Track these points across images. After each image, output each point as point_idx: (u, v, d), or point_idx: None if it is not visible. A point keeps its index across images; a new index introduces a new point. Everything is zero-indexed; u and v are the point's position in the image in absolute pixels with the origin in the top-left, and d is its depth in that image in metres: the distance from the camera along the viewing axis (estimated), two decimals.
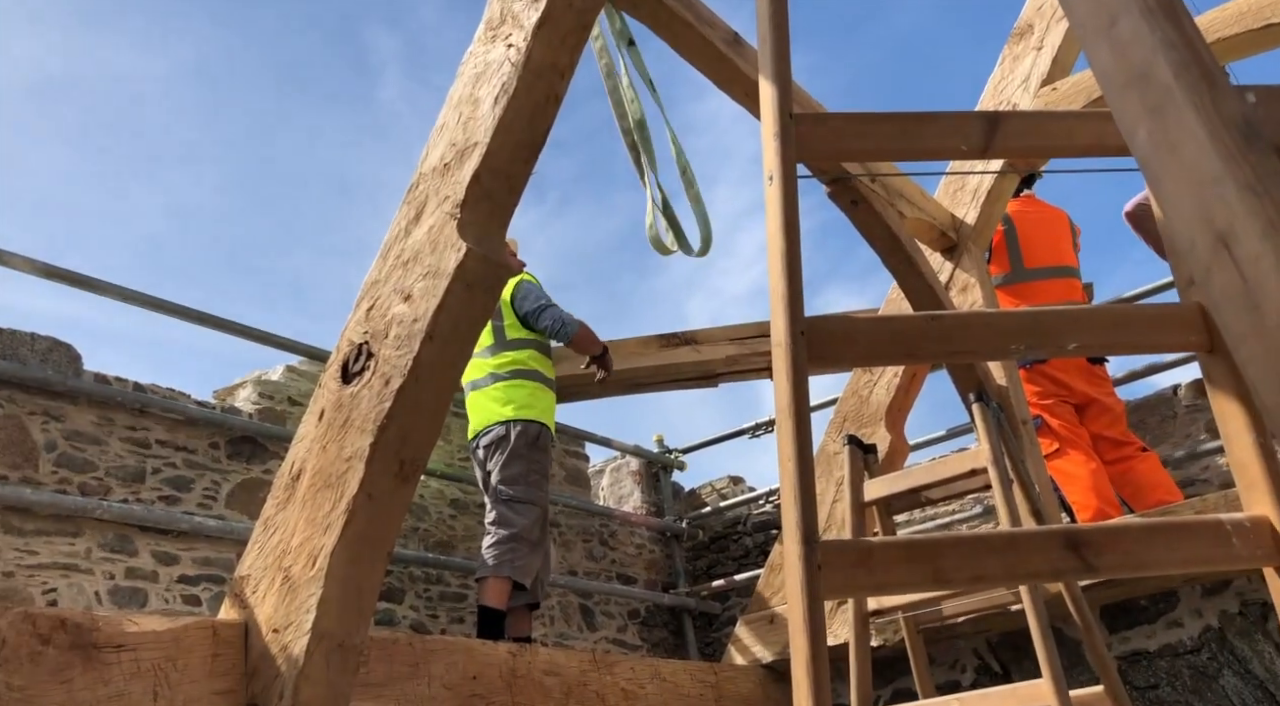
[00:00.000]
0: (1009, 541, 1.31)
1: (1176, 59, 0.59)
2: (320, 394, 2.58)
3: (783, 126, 1.42)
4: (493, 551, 3.92)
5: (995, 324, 1.40)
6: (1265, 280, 0.49)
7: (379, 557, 2.44)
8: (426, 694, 2.78)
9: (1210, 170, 0.53)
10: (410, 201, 2.67)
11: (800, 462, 1.27)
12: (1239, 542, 1.33)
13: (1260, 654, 3.51)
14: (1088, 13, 0.67)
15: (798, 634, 1.23)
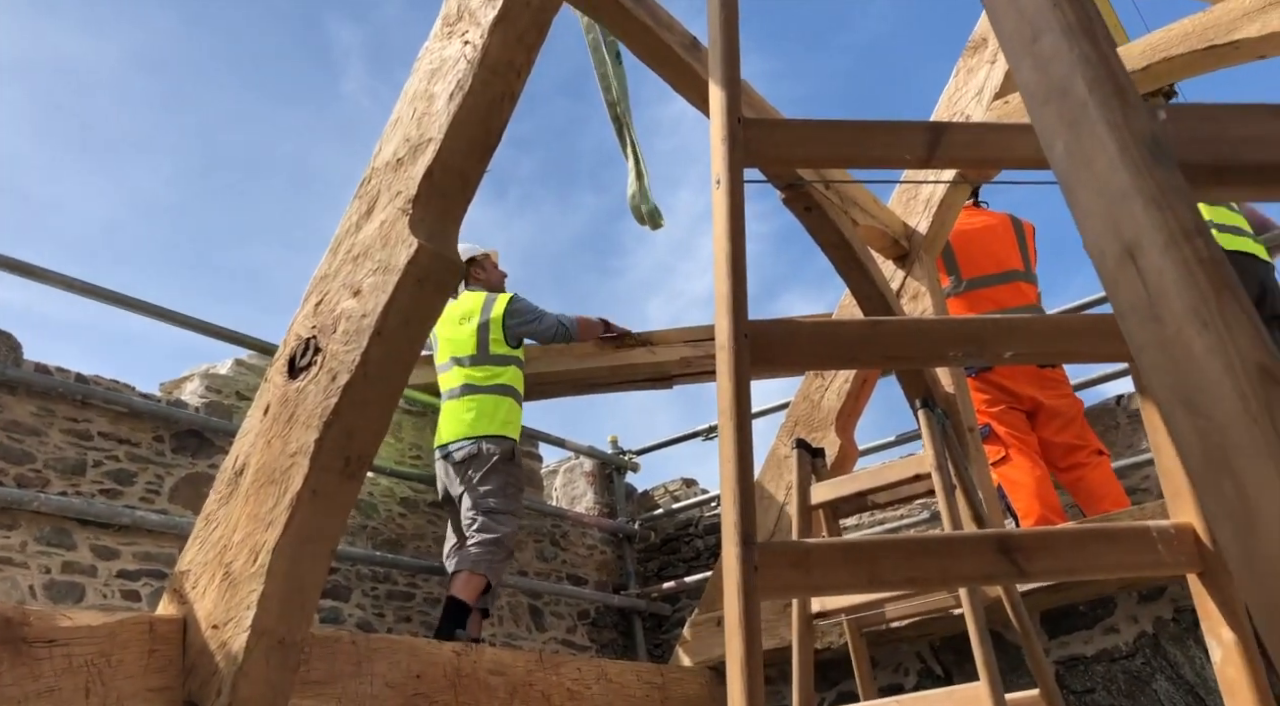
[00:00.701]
0: (943, 545, 1.33)
1: (1092, 75, 0.60)
2: (266, 388, 2.55)
3: (730, 131, 1.43)
4: (475, 551, 4.09)
5: (933, 331, 1.43)
6: (1166, 292, 0.51)
7: (322, 555, 2.42)
8: (369, 692, 2.76)
9: (1119, 184, 0.55)
10: (362, 196, 2.65)
11: (740, 465, 1.29)
12: (1164, 549, 1.37)
13: (1191, 659, 3.59)
14: (1013, 29, 0.68)
15: (734, 635, 1.24)
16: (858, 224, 3.87)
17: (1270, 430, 0.46)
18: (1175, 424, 0.50)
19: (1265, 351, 0.49)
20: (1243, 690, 1.31)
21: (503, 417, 4.44)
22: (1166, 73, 4.25)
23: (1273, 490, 0.44)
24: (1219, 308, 0.49)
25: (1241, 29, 4.16)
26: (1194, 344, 0.49)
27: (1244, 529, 0.45)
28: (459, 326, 4.58)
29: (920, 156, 1.50)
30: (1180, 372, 0.50)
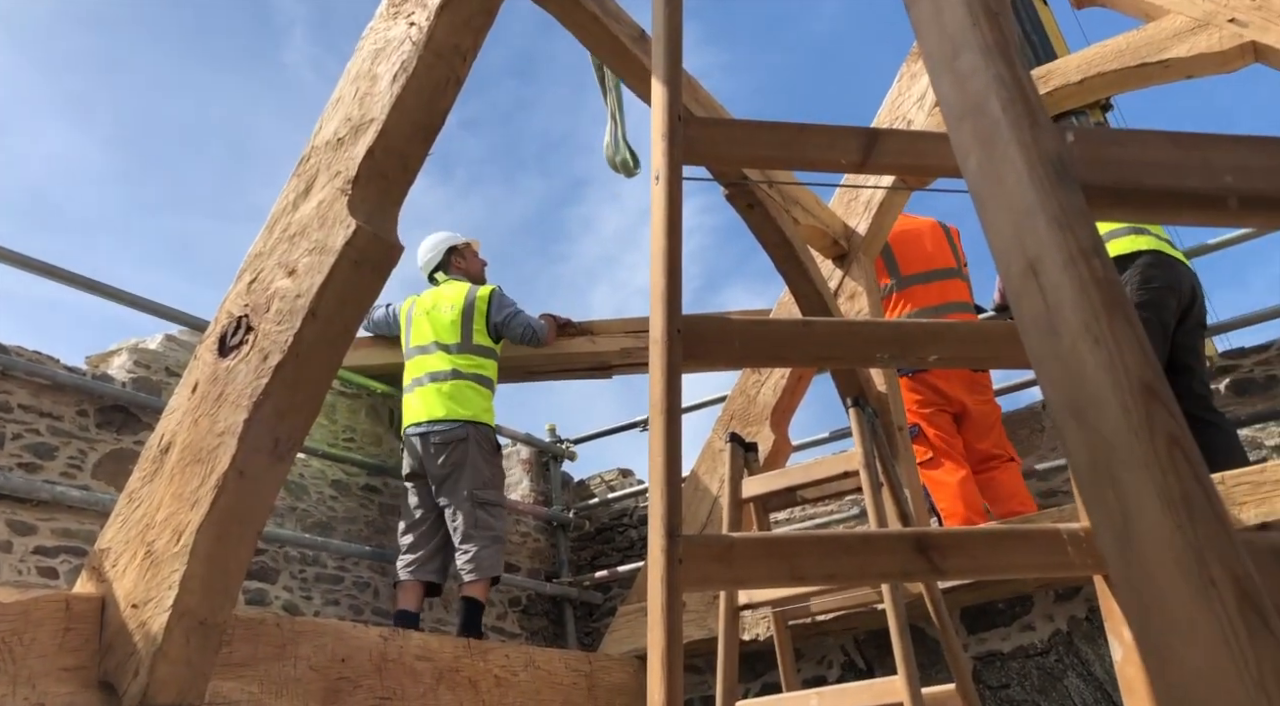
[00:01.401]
0: (862, 542, 1.36)
1: (1006, 95, 0.63)
2: (195, 366, 2.51)
3: (671, 127, 1.44)
4: (484, 554, 4.21)
5: (862, 332, 1.46)
6: (1063, 307, 0.53)
7: (248, 536, 2.39)
8: (292, 675, 2.74)
9: (1025, 202, 0.57)
10: (300, 174, 2.62)
11: (668, 458, 1.30)
12: (1074, 551, 1.42)
13: (1102, 657, 3.71)
14: (935, 44, 0.70)
15: (655, 624, 1.26)
16: (799, 223, 3.92)
17: (1149, 444, 0.48)
18: (1067, 434, 0.53)
19: (1150, 369, 0.51)
20: (1141, 688, 1.36)
21: (485, 406, 4.49)
22: (1101, 87, 4.36)
23: (1149, 501, 0.46)
24: (1110, 326, 0.52)
25: (1171, 49, 4.28)
26: (1086, 359, 0.52)
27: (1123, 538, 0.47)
28: (438, 313, 4.57)
29: (855, 161, 1.52)
30: (1073, 385, 0.52)
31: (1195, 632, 0.43)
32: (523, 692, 3.53)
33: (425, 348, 4.55)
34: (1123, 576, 0.47)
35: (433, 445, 4.33)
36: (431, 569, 4.31)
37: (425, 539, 4.34)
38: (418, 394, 4.48)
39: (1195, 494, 0.46)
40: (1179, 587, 0.44)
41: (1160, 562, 0.45)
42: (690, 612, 4.14)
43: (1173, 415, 0.49)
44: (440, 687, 3.20)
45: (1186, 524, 0.45)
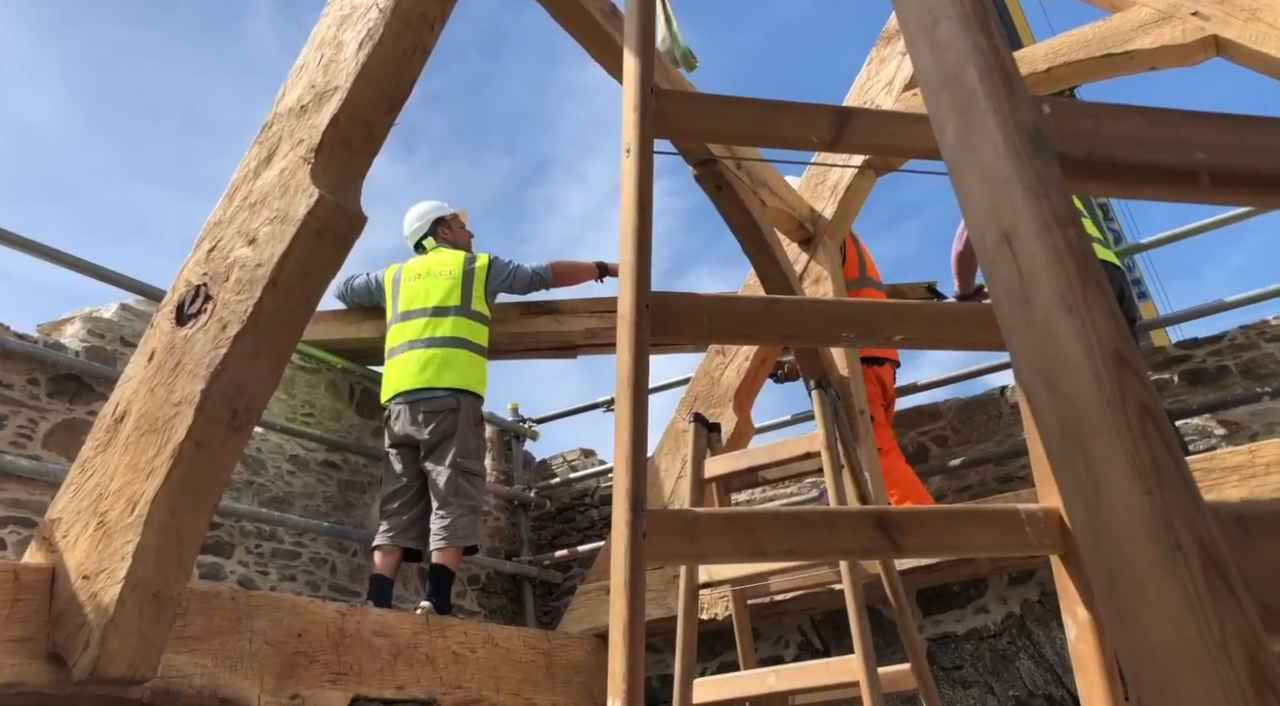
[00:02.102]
0: (823, 519, 1.37)
1: (984, 64, 0.62)
2: (152, 334, 2.47)
3: (643, 100, 1.43)
4: (461, 522, 4.17)
5: (828, 311, 1.46)
6: (1037, 276, 0.53)
7: (204, 508, 2.36)
8: (248, 649, 2.71)
9: (1001, 171, 0.57)
10: (262, 142, 2.57)
11: (634, 432, 1.30)
12: (1031, 531, 1.43)
13: (1053, 640, 3.78)
14: (913, 14, 0.70)
15: (618, 597, 1.26)
16: (766, 205, 3.92)
17: (1121, 412, 0.49)
18: (1037, 403, 0.53)
19: (1122, 337, 0.51)
20: (1092, 665, 1.38)
21: (480, 377, 4.45)
22: (1067, 76, 4.39)
23: (1120, 468, 0.47)
24: (1083, 294, 0.52)
25: (1136, 40, 4.33)
26: (1059, 327, 0.52)
27: (1092, 505, 0.47)
28: (435, 279, 4.51)
29: (826, 139, 1.52)
30: (1045, 354, 0.52)
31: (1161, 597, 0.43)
32: (481, 669, 3.53)
33: (416, 313, 4.47)
34: (1091, 543, 0.48)
35: (423, 412, 4.26)
36: (412, 535, 4.27)
37: (408, 506, 4.29)
38: (405, 359, 4.39)
39: (1165, 461, 0.47)
40: (1146, 553, 0.44)
41: (1128, 528, 0.45)
42: (649, 591, 4.15)
43: (1144, 384, 0.50)
44: (398, 663, 3.19)
45: (1156, 490, 0.46)
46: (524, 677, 3.71)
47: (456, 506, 4.18)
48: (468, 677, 3.45)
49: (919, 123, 1.59)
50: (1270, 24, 4.10)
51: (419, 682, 3.25)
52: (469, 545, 4.24)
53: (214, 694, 2.60)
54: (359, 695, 3.01)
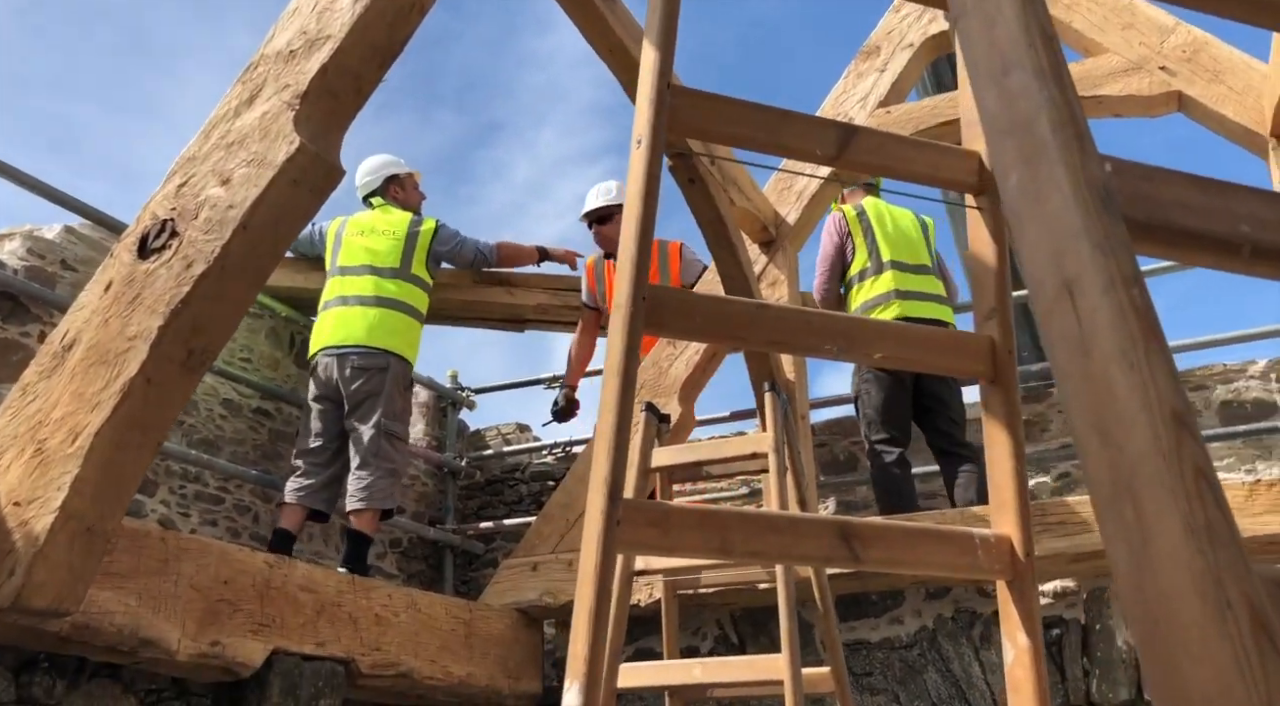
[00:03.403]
0: (790, 524, 1.40)
1: (1057, 118, 0.65)
2: (111, 264, 2.41)
3: (659, 94, 1.44)
4: (380, 484, 4.13)
5: (814, 323, 1.49)
6: (1099, 330, 0.57)
7: (148, 445, 2.32)
8: (172, 592, 2.67)
9: (1069, 224, 0.60)
10: (246, 81, 2.52)
11: (618, 421, 1.32)
12: (983, 555, 1.49)
13: (961, 656, 3.90)
14: (983, 57, 0.73)
15: (586, 582, 1.28)
16: (734, 204, 3.96)
17: (1177, 470, 0.52)
18: (1087, 448, 0.56)
19: (1180, 399, 0.55)
20: (1027, 689, 1.44)
21: (412, 339, 4.41)
22: None
23: (1172, 524, 0.50)
24: (1145, 353, 0.55)
25: (1105, 87, 4.45)
26: (1117, 381, 0.55)
27: (1139, 554, 0.51)
28: (378, 236, 4.44)
29: (830, 154, 1.55)
30: (1100, 405, 0.55)
31: (1207, 651, 0.46)
32: (401, 633, 3.52)
33: (355, 269, 4.41)
34: (1133, 589, 0.51)
35: (350, 367, 4.20)
36: (322, 498, 4.22)
37: (322, 466, 4.23)
38: (339, 314, 4.34)
39: (1218, 522, 0.50)
40: (1194, 607, 0.48)
41: (1177, 582, 0.49)
42: (575, 571, 4.17)
43: (1200, 446, 0.53)
44: (320, 620, 3.17)
45: (1208, 549, 0.49)
46: (443, 645, 3.72)
47: (376, 467, 4.13)
48: (388, 641, 3.44)
49: (919, 149, 1.63)
50: (1230, 87, 4.25)
51: (339, 641, 3.23)
52: (386, 508, 4.20)
53: (134, 633, 2.56)
54: (279, 648, 2.99)
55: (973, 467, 4.23)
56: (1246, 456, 4.85)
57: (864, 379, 4.40)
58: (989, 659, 3.86)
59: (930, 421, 4.39)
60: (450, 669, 3.72)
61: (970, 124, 1.66)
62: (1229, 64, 4.19)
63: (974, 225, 1.63)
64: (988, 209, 1.61)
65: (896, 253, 4.54)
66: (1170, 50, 4.41)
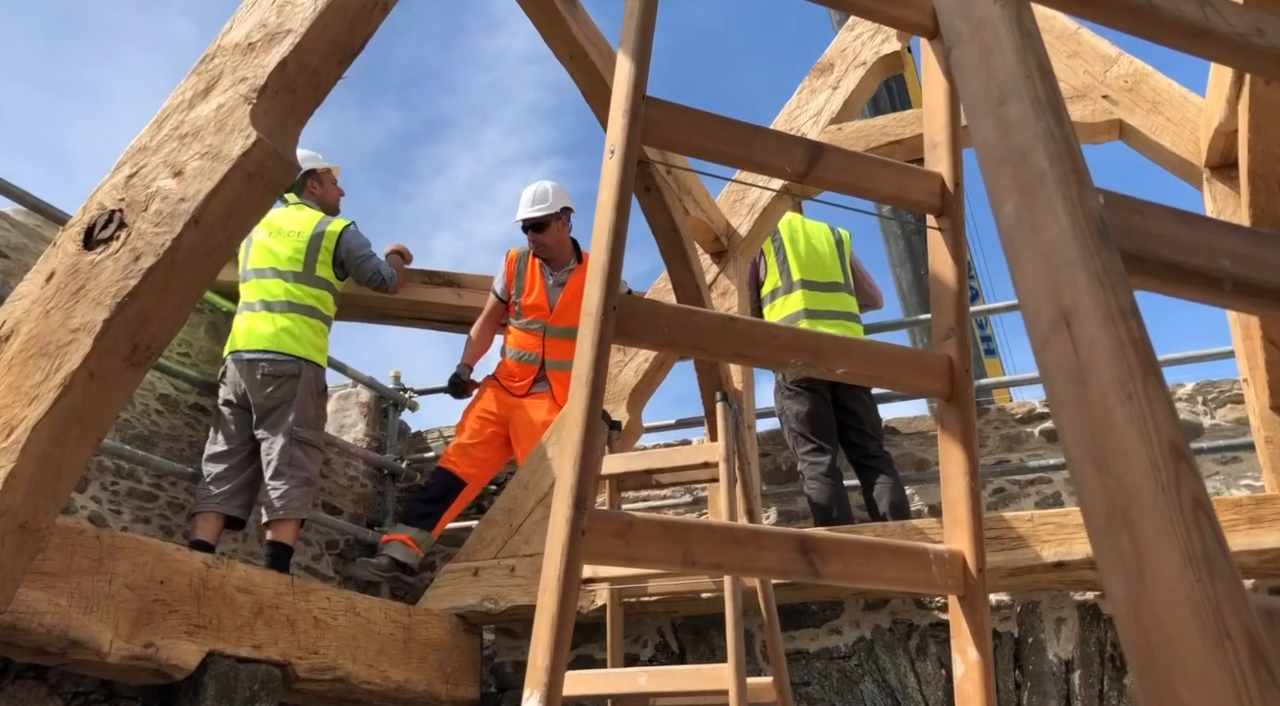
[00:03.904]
0: (752, 536, 1.41)
1: (1054, 150, 0.67)
2: (53, 254, 2.34)
3: (634, 106, 1.44)
4: (295, 494, 4.09)
5: (780, 337, 1.51)
6: (1097, 360, 0.58)
7: (87, 442, 2.26)
8: (106, 592, 2.60)
9: (1065, 254, 0.62)
10: (201, 72, 2.47)
11: (586, 430, 1.31)
12: (937, 570, 1.51)
13: (898, 667, 3.96)
14: (979, 88, 0.74)
15: (549, 592, 1.27)
16: (688, 214, 3.98)
17: (1175, 501, 0.54)
18: (1083, 475, 0.58)
19: (1178, 431, 0.57)
20: (975, 703, 1.47)
21: (321, 344, 4.35)
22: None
23: (1170, 554, 0.51)
24: (1144, 385, 0.57)
25: None
26: (1115, 411, 0.57)
27: (1135, 582, 0.52)
28: (284, 238, 4.35)
29: (798, 171, 1.57)
30: (1097, 434, 0.57)
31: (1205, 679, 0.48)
32: (339, 637, 3.47)
33: (263, 272, 4.34)
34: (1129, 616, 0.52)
35: (261, 374, 4.15)
36: (238, 504, 4.15)
37: (235, 471, 4.16)
38: (250, 318, 4.28)
39: (1215, 553, 0.52)
40: (1192, 635, 0.49)
41: (1174, 611, 0.50)
42: (518, 577, 4.16)
43: (1197, 477, 0.55)
44: (258, 622, 3.11)
45: (1206, 579, 0.51)
46: (381, 650, 3.67)
47: (290, 477, 4.08)
48: (325, 644, 3.38)
49: (884, 169, 1.66)
50: (1169, 118, 4.39)
51: (276, 644, 3.17)
52: (302, 518, 4.18)
53: (64, 634, 2.49)
54: (214, 650, 2.92)
55: (888, 478, 4.33)
56: None
57: (785, 395, 4.48)
58: (925, 670, 3.92)
59: (845, 435, 4.48)
60: (388, 673, 3.67)
61: (934, 146, 1.69)
62: (1168, 96, 4.33)
63: (934, 245, 1.66)
64: (948, 230, 1.65)
65: (807, 271, 4.66)
66: (1113, 80, 4.54)
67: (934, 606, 4.05)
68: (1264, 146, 3.33)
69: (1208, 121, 3.99)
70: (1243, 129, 3.39)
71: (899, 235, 12.49)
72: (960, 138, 1.68)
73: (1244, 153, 3.44)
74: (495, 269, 5.05)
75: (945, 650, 3.95)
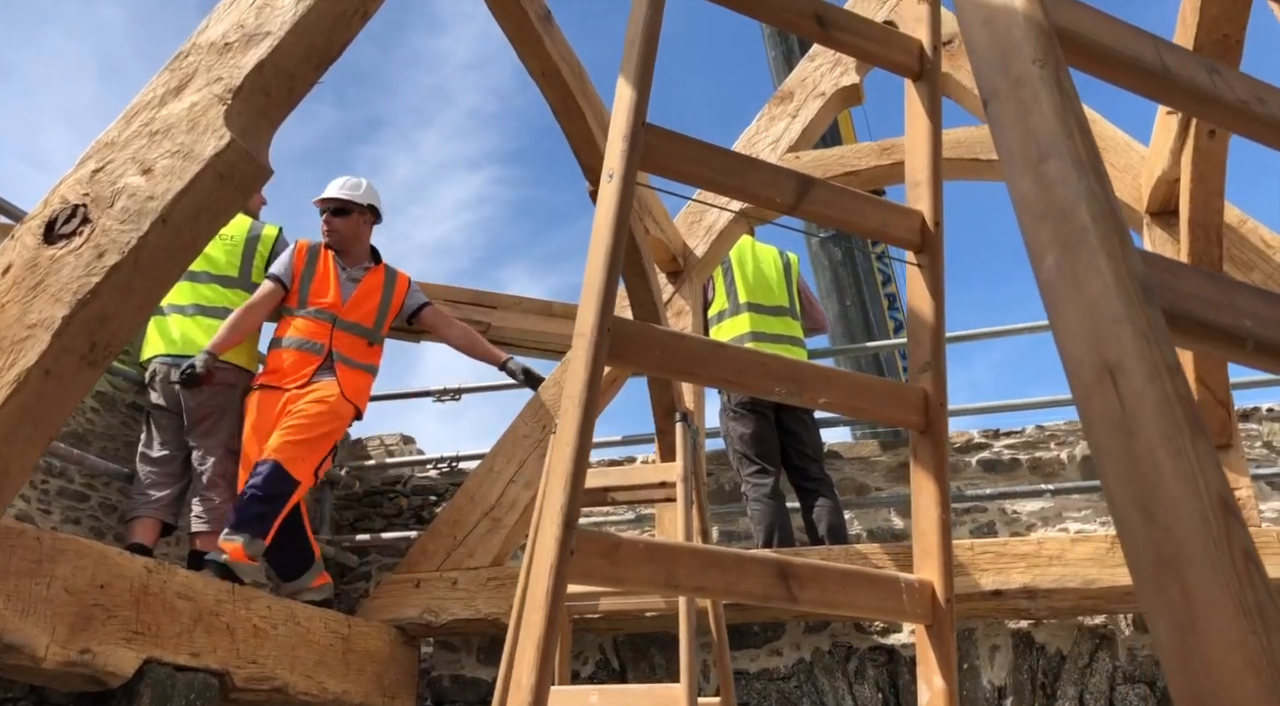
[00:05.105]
0: (734, 561, 1.43)
1: (1097, 209, 0.71)
2: (11, 247, 2.28)
3: (633, 131, 1.47)
4: (227, 506, 3.89)
5: (767, 365, 1.54)
6: (1143, 415, 0.61)
7: (39, 441, 2.20)
8: (45, 595, 2.52)
9: (1110, 310, 0.65)
10: (175, 69, 2.43)
11: (577, 451, 1.32)
12: (907, 599, 1.55)
13: (836, 689, 4.01)
14: (1018, 144, 0.78)
15: (536, 610, 1.28)
16: (648, 233, 4.00)
17: (1226, 554, 0.57)
18: (1128, 525, 0.61)
19: (1225, 485, 0.60)
20: None
21: (254, 353, 4.27)
22: None
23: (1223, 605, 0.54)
24: (1192, 441, 0.60)
25: None
26: (1164, 466, 0.60)
27: (1185, 631, 0.55)
28: (217, 242, 4.25)
29: (789, 203, 1.61)
30: (1145, 486, 0.60)
31: None
32: (279, 646, 3.41)
33: (196, 275, 4.22)
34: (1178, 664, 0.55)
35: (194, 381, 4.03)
36: (174, 511, 4.05)
37: (172, 479, 4.05)
38: (183, 323, 4.18)
39: (1268, 605, 0.55)
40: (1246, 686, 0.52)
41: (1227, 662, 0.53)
42: (460, 590, 4.13)
43: (1245, 531, 0.58)
44: (197, 629, 3.04)
45: (1260, 631, 0.54)
46: (319, 661, 3.61)
47: (225, 489, 4.00)
48: (264, 654, 3.32)
49: (869, 205, 1.70)
50: (1113, 164, 4.54)
51: (215, 652, 3.10)
52: None
53: None
54: (152, 657, 2.85)
55: (827, 500, 4.39)
56: (1103, 509, 5.15)
57: (730, 416, 4.53)
58: (862, 693, 3.98)
59: (787, 456, 4.54)
60: (326, 685, 3.61)
61: (915, 185, 1.74)
62: (1113, 142, 4.48)
63: (913, 281, 1.71)
64: (927, 266, 1.70)
65: (753, 295, 4.73)
66: None
67: (873, 630, 4.12)
68: (1204, 196, 3.47)
69: (1150, 169, 4.14)
70: (1185, 179, 3.53)
71: (827, 266, 12.68)
72: (941, 177, 1.73)
73: (1185, 201, 3.58)
74: (433, 274, 5.00)
75: (883, 674, 4.01)
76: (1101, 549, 3.64)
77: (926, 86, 1.77)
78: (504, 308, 5.15)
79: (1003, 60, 0.80)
